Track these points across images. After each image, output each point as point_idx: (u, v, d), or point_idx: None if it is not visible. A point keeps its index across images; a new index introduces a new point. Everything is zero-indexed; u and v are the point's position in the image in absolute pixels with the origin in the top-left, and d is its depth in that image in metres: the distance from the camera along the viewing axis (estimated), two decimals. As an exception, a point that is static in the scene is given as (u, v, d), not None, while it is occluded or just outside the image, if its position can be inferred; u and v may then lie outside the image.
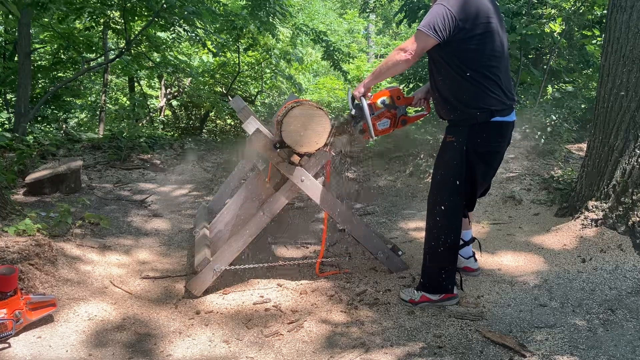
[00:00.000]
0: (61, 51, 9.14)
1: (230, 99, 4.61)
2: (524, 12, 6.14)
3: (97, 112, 10.43)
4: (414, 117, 2.97)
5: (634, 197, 3.41)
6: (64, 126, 9.37)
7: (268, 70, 10.46)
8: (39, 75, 8.99)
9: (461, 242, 2.85)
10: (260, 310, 2.77)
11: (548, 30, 5.60)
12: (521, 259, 3.37)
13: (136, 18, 7.71)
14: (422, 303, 2.72)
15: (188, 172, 6.31)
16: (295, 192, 2.99)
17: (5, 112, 9.39)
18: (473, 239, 3.06)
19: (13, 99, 8.75)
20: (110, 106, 11.18)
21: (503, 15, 5.85)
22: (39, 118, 9.12)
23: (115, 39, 9.82)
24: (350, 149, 2.72)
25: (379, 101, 2.82)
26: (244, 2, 8.14)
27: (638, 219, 3.36)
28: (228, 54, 9.71)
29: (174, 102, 11.18)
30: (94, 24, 7.41)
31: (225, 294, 2.96)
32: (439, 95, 2.66)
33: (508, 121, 2.61)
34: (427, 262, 2.74)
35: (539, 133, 6.10)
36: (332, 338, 2.45)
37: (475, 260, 3.09)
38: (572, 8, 5.86)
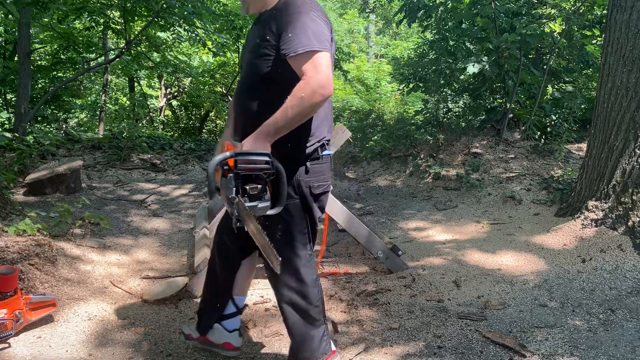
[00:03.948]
0: (61, 51, 9.14)
1: (230, 99, 4.61)
2: (524, 12, 6.14)
3: (97, 112, 10.46)
4: None
5: (634, 197, 3.41)
6: (64, 126, 9.38)
7: (268, 70, 10.45)
8: (39, 75, 9.00)
9: (233, 310, 2.17)
10: (260, 310, 2.77)
11: (548, 30, 5.61)
12: (521, 259, 3.37)
13: (136, 18, 7.71)
14: None
15: (188, 172, 6.32)
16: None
17: (5, 112, 9.40)
18: (245, 306, 2.26)
19: (13, 99, 8.75)
20: (110, 106, 11.20)
21: (503, 15, 5.88)
22: (39, 118, 9.14)
23: (115, 39, 9.82)
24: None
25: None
26: (244, 2, 8.13)
27: (638, 219, 3.36)
28: (228, 54, 9.72)
29: (174, 102, 11.20)
30: (94, 24, 7.41)
31: (225, 294, 2.96)
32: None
33: None
34: (299, 349, 1.98)
35: (538, 133, 6.11)
36: (332, 338, 2.44)
37: (240, 335, 2.21)
38: (572, 8, 5.86)
